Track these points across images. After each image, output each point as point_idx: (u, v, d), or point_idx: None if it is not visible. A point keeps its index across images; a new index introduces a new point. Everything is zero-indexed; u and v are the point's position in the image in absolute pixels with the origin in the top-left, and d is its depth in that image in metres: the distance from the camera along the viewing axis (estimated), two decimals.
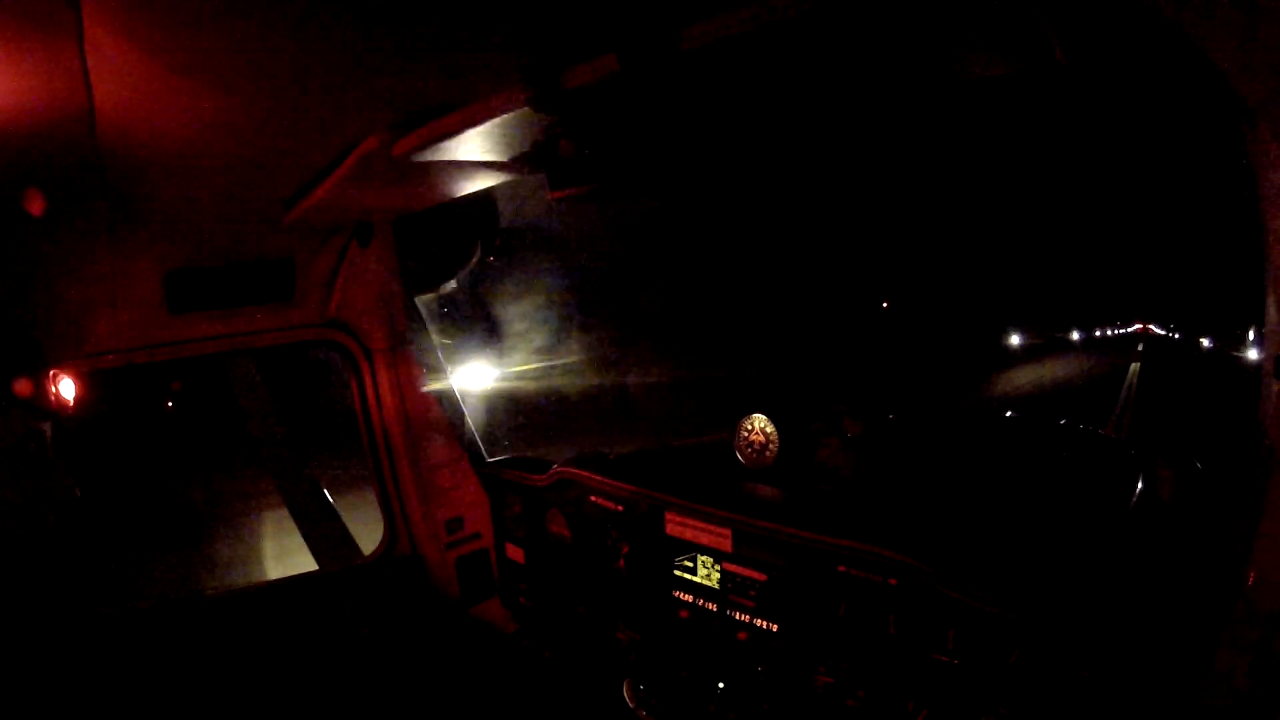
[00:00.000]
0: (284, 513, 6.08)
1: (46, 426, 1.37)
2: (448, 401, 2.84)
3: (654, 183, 1.42)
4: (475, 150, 1.65)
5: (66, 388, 1.38)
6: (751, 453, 2.21)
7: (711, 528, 2.05)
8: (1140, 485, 2.17)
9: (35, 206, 1.51)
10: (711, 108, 1.42)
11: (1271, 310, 1.00)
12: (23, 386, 1.29)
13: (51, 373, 1.35)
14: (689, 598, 2.14)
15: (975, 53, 1.14)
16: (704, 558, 2.08)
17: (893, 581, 1.68)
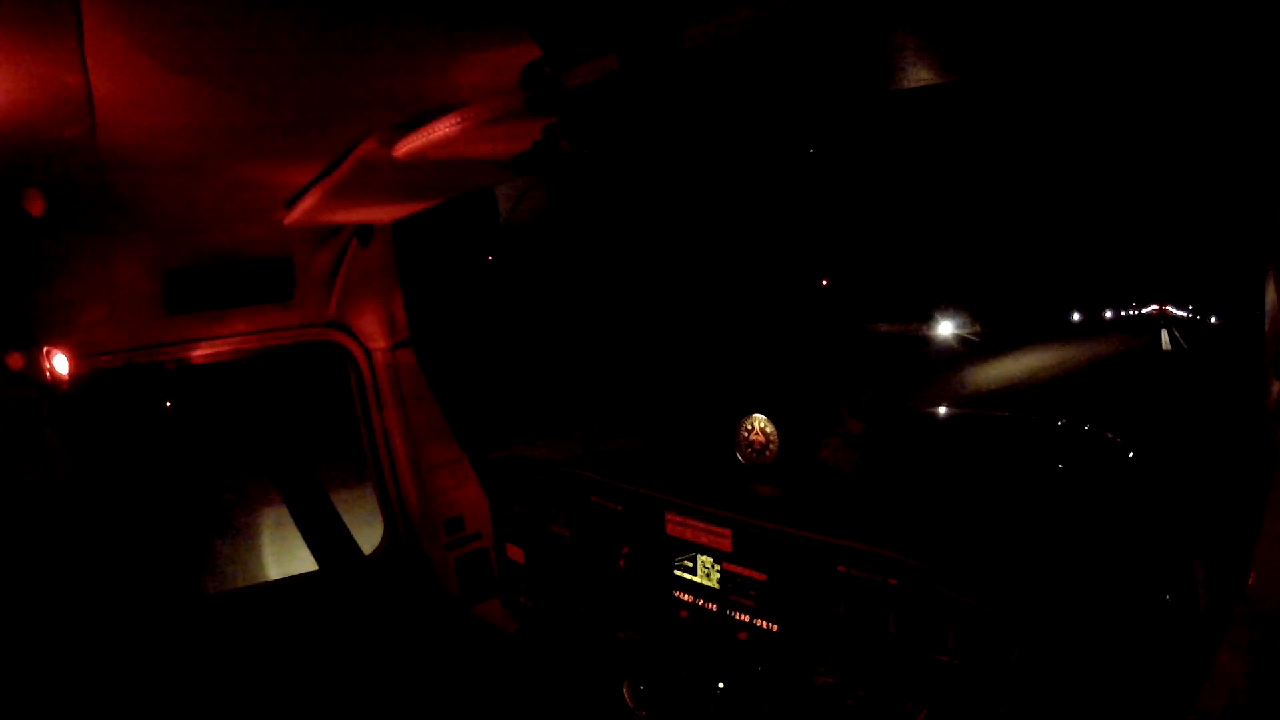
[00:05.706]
0: (283, 514, 6.06)
1: (43, 405, 1.36)
2: (447, 401, 2.84)
3: (654, 183, 1.42)
4: (475, 150, 1.64)
5: (60, 363, 1.36)
6: (751, 452, 2.21)
7: (711, 527, 2.05)
8: (1141, 485, 2.17)
9: (35, 207, 1.50)
10: (713, 108, 1.42)
11: (1272, 306, 0.99)
12: (14, 361, 1.27)
13: (45, 349, 1.34)
14: (689, 598, 2.14)
15: (980, 53, 1.14)
16: (704, 558, 2.08)
17: (893, 581, 1.68)
